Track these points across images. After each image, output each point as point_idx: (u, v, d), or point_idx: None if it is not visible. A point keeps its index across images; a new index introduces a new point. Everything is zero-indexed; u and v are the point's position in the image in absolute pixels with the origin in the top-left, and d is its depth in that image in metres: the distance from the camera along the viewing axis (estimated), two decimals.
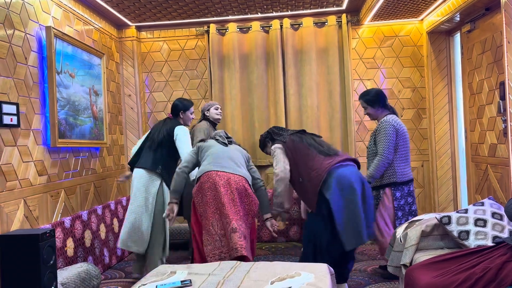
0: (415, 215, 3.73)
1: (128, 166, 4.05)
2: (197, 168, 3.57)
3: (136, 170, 3.83)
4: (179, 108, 3.98)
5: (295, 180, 3.33)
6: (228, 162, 3.34)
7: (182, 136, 3.77)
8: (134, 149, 4.10)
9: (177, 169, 3.48)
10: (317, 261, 2.97)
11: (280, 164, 3.32)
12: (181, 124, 3.90)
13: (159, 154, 3.81)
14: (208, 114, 4.40)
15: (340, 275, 3.21)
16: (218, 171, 3.24)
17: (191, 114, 4.03)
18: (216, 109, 4.45)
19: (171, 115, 4.03)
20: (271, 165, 4.80)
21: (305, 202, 3.33)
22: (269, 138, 3.65)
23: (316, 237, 3.14)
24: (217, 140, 3.57)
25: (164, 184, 3.81)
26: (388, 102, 3.88)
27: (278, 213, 3.43)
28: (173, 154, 3.85)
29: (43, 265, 2.77)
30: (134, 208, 3.74)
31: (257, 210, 3.33)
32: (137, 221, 3.73)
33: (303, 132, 3.54)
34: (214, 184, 3.19)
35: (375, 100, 3.76)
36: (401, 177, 3.67)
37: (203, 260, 3.22)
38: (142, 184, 3.75)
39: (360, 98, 3.86)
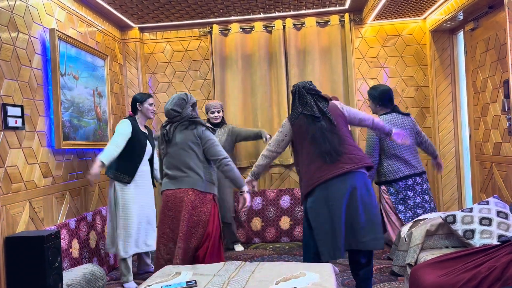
0: (423, 206, 3.88)
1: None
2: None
3: None
4: (137, 100, 3.88)
5: (296, 163, 3.18)
6: (175, 172, 3.25)
7: (117, 127, 3.76)
8: None
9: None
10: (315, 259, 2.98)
11: (274, 143, 3.15)
12: (126, 119, 3.83)
13: (119, 156, 3.72)
14: (208, 117, 4.45)
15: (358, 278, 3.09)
16: (167, 190, 3.27)
17: (150, 105, 3.87)
18: (212, 113, 4.45)
19: (131, 112, 3.95)
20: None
21: (300, 188, 3.15)
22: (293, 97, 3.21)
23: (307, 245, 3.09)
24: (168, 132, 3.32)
25: (116, 186, 3.77)
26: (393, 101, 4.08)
27: (248, 181, 3.29)
28: (122, 152, 3.70)
29: (48, 267, 2.79)
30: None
31: (207, 217, 3.23)
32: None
33: (317, 118, 2.99)
34: (164, 207, 3.29)
35: (376, 97, 4.03)
36: (390, 175, 3.94)
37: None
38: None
39: (369, 89, 4.13)
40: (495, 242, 2.56)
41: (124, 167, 3.76)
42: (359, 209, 2.88)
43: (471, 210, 2.85)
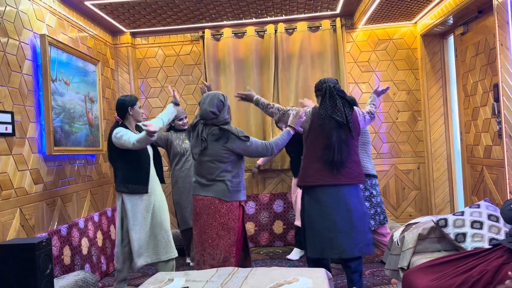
0: (380, 207, 4.08)
1: None
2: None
3: None
4: (127, 103, 3.47)
5: (300, 152, 3.39)
6: (204, 179, 3.13)
7: (117, 135, 3.33)
8: None
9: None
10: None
11: (292, 114, 3.19)
12: (120, 127, 3.42)
13: (117, 167, 3.51)
14: (174, 124, 4.34)
15: (347, 276, 3.25)
16: (197, 195, 3.17)
17: (139, 108, 3.56)
18: (180, 120, 4.28)
19: (118, 117, 3.53)
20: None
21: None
22: (320, 94, 3.26)
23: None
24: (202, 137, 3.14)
25: (125, 199, 3.43)
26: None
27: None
28: (127, 160, 3.44)
29: (39, 274, 2.76)
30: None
31: (234, 225, 3.13)
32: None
33: (340, 124, 3.09)
34: (195, 211, 3.22)
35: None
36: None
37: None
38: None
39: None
40: (486, 245, 2.58)
41: (136, 177, 3.44)
42: (352, 218, 3.08)
43: (462, 213, 2.87)
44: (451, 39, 4.80)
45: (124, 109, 3.48)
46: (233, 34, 5.28)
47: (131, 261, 3.49)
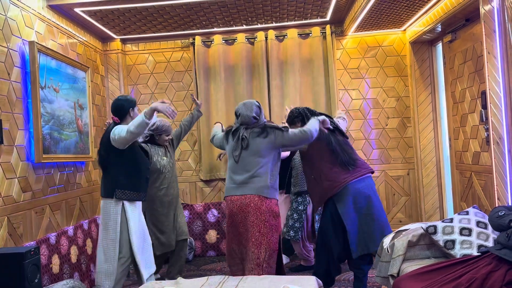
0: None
1: None
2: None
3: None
4: (128, 106, 3.32)
5: (308, 174, 3.48)
6: (241, 179, 3.17)
7: (117, 129, 3.17)
8: None
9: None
10: (324, 256, 3.40)
11: (299, 132, 3.22)
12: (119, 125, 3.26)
13: (107, 173, 3.30)
14: (157, 139, 4.01)
15: (355, 277, 3.51)
16: (232, 195, 3.19)
17: (137, 111, 3.43)
18: (168, 136, 4.03)
19: (116, 118, 3.33)
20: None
21: (311, 197, 3.55)
22: (300, 118, 3.52)
23: (327, 244, 3.41)
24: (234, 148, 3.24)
25: (125, 208, 3.25)
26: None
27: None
28: (125, 166, 3.27)
29: (28, 284, 2.73)
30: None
31: (275, 223, 3.20)
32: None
33: (333, 130, 3.43)
34: (229, 213, 3.22)
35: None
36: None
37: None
38: (102, 211, 3.31)
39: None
40: (475, 252, 2.59)
41: (135, 184, 3.28)
42: (379, 210, 3.40)
43: (451, 220, 2.89)
44: (439, 46, 4.85)
45: (124, 111, 3.30)
46: (223, 41, 5.29)
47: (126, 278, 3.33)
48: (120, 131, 3.14)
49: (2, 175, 3.14)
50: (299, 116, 3.53)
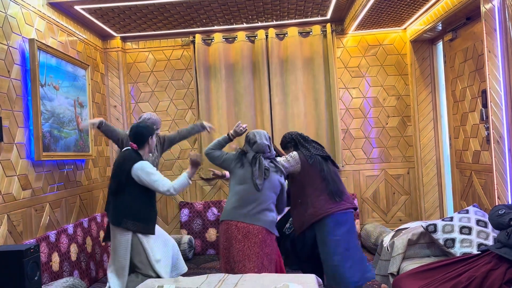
0: None
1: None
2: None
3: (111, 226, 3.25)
4: (148, 134, 3.28)
5: (295, 198, 3.41)
6: (255, 208, 3.12)
7: (144, 171, 3.14)
8: None
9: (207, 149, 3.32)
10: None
11: (286, 164, 3.32)
12: (140, 159, 3.22)
13: (122, 199, 3.18)
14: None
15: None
16: (239, 222, 3.10)
17: (155, 138, 3.42)
18: (157, 129, 3.92)
19: (135, 145, 3.25)
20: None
21: (294, 221, 3.44)
22: (292, 144, 3.52)
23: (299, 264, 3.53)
24: (252, 174, 3.15)
25: (143, 240, 3.17)
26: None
27: None
28: (139, 196, 3.20)
29: (27, 282, 2.73)
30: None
31: (275, 257, 3.21)
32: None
33: (326, 159, 3.43)
34: (230, 238, 3.11)
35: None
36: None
37: None
38: (114, 239, 3.21)
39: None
40: (475, 251, 2.59)
41: (149, 216, 3.23)
42: (354, 247, 3.26)
43: (451, 219, 2.89)
44: (440, 45, 4.84)
45: (144, 139, 3.25)
46: (223, 39, 5.29)
47: None
48: (156, 177, 3.14)
49: (2, 172, 3.14)
50: (291, 142, 3.54)
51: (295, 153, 3.39)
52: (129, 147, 3.28)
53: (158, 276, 3.15)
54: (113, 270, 3.22)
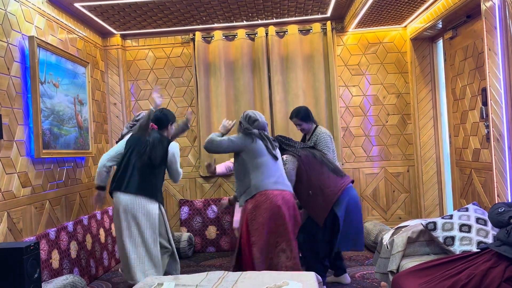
0: None
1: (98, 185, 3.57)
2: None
3: (131, 196, 3.40)
4: (168, 120, 3.60)
5: (303, 193, 3.52)
6: (280, 177, 3.36)
7: (177, 154, 3.59)
8: (103, 162, 3.52)
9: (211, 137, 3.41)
10: (314, 260, 3.49)
11: (292, 172, 3.50)
12: (170, 140, 3.60)
13: (156, 177, 3.50)
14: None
15: (338, 268, 3.75)
16: (274, 190, 3.27)
17: (174, 126, 3.72)
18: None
19: (155, 126, 3.57)
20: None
21: (313, 214, 3.50)
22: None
23: (314, 242, 3.50)
24: (266, 146, 3.38)
25: (162, 209, 3.54)
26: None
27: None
28: (163, 172, 3.61)
29: (27, 279, 2.73)
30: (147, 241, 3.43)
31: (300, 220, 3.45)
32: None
33: (312, 147, 3.72)
34: (273, 206, 3.23)
35: (306, 116, 4.02)
36: None
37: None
38: (142, 209, 3.42)
39: (294, 117, 4.05)
40: (474, 249, 2.60)
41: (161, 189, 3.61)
42: (360, 217, 3.60)
43: (451, 217, 2.89)
44: (440, 43, 4.84)
45: (165, 123, 3.58)
46: (223, 37, 5.28)
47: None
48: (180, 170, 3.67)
49: (2, 170, 3.14)
50: (279, 141, 3.70)
51: (286, 156, 3.57)
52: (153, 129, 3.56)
53: (172, 250, 3.54)
54: (141, 247, 3.41)
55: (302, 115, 4.02)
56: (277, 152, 3.47)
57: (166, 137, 3.57)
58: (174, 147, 3.58)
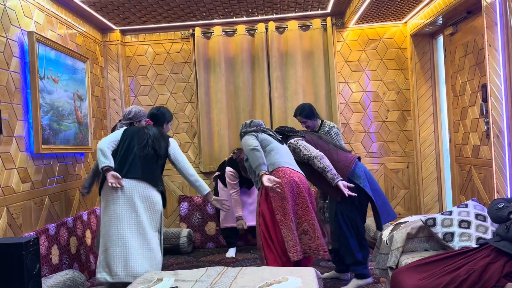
0: None
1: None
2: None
3: (132, 181, 3.30)
4: (165, 119, 3.68)
5: (315, 172, 3.46)
6: (292, 159, 3.44)
7: (178, 149, 3.58)
8: (104, 144, 3.36)
9: (252, 147, 3.29)
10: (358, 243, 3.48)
11: (312, 148, 3.48)
12: (169, 137, 3.63)
13: (158, 167, 3.49)
14: (137, 125, 3.75)
15: (342, 263, 3.64)
16: (289, 168, 3.31)
17: (170, 125, 3.80)
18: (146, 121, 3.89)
19: (151, 122, 3.63)
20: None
21: (330, 192, 3.50)
22: (282, 138, 3.68)
23: (352, 222, 3.49)
24: (270, 135, 3.53)
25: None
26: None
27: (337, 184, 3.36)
28: (163, 166, 3.61)
29: (27, 274, 2.73)
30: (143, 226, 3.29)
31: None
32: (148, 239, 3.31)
33: (316, 132, 3.84)
34: (292, 180, 3.24)
35: (310, 113, 4.08)
36: None
37: (279, 258, 3.17)
38: (149, 198, 3.34)
39: (298, 115, 4.11)
40: (473, 244, 2.60)
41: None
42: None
43: (450, 213, 2.89)
44: (440, 39, 4.83)
45: (162, 121, 3.64)
46: (223, 33, 5.27)
47: None
48: (185, 159, 3.59)
49: (1, 165, 3.14)
50: (281, 133, 3.76)
51: (294, 140, 3.57)
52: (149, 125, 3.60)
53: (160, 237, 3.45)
54: (149, 227, 3.30)
55: (306, 113, 4.05)
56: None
57: (164, 132, 3.58)
58: (175, 143, 3.59)
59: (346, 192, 3.25)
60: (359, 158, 3.63)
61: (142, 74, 5.43)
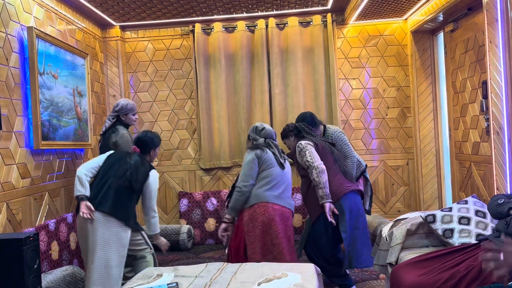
0: None
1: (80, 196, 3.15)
2: None
3: (100, 215, 3.09)
4: (154, 144, 3.45)
5: (305, 183, 3.40)
6: (284, 191, 3.32)
7: (155, 186, 3.30)
8: (83, 171, 3.19)
9: (242, 186, 3.22)
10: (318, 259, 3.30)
11: (317, 158, 3.28)
12: (152, 167, 3.38)
13: (132, 201, 3.26)
14: (123, 119, 3.83)
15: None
16: (274, 204, 3.22)
17: (158, 150, 3.56)
18: (134, 115, 3.89)
19: (138, 149, 3.42)
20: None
21: (309, 207, 3.40)
22: (294, 132, 3.55)
23: (321, 251, 3.32)
24: (274, 154, 3.35)
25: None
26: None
27: (323, 204, 3.22)
28: (138, 198, 3.35)
29: (27, 270, 2.74)
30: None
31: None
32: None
33: (332, 144, 3.58)
34: (270, 220, 3.18)
35: (312, 121, 3.82)
36: None
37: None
38: (114, 234, 3.12)
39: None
40: (473, 241, 2.60)
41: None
42: (365, 227, 3.37)
43: (450, 209, 2.89)
44: (441, 36, 4.82)
45: (150, 147, 3.43)
46: (223, 29, 5.26)
47: None
48: (154, 198, 3.33)
49: (1, 161, 3.13)
50: (294, 130, 3.56)
51: (304, 143, 3.34)
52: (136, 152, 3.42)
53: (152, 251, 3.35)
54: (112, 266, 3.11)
55: (308, 122, 3.83)
56: (286, 163, 3.42)
57: (148, 162, 3.38)
58: (154, 177, 3.30)
59: (328, 215, 3.15)
60: (361, 192, 3.45)
61: (142, 70, 5.42)
